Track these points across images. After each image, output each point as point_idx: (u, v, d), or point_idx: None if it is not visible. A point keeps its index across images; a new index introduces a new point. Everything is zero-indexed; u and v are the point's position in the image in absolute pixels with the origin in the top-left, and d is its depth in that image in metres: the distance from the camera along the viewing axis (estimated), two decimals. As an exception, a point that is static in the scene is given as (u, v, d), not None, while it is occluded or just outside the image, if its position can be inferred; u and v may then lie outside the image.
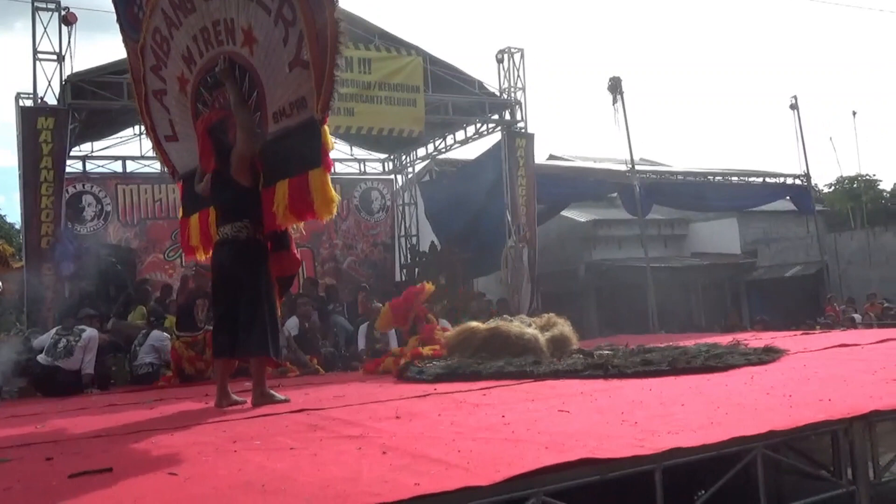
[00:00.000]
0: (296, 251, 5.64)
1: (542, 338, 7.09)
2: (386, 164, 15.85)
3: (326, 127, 4.88)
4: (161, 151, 6.41)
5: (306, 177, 4.85)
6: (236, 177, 5.17)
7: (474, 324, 7.43)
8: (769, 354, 6.12)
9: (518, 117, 13.15)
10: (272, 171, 5.12)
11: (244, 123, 5.16)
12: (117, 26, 6.30)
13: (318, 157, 4.84)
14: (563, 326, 7.55)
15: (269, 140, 5.15)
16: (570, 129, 65.13)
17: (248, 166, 5.17)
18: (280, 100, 5.07)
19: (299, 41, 4.80)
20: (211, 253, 5.57)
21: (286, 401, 5.09)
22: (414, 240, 15.71)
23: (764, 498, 2.92)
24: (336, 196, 4.89)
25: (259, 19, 5.03)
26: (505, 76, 13.08)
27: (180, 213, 6.36)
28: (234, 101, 5.22)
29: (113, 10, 6.28)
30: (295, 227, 5.48)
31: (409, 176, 15.95)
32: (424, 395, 5.00)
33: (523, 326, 7.26)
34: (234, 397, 5.19)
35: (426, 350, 7.43)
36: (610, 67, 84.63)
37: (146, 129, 6.51)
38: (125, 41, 6.28)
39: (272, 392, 5.21)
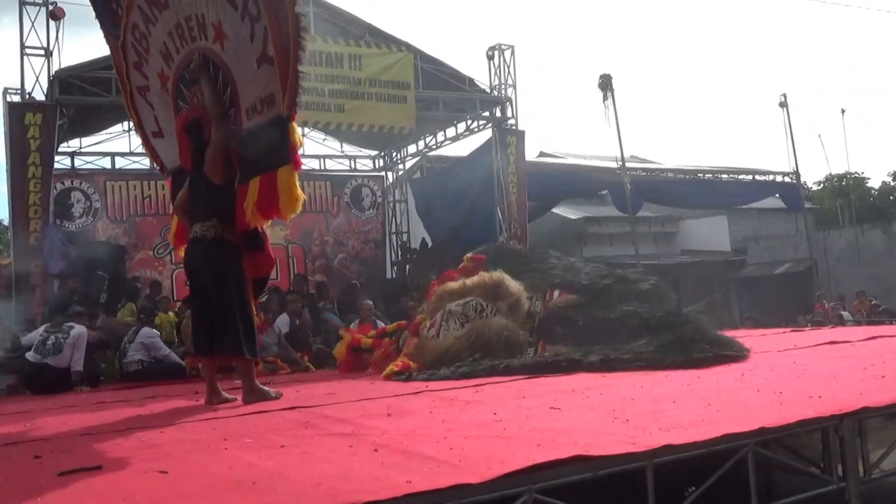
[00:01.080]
0: (271, 252, 5.55)
1: (515, 326, 6.84)
2: (376, 160, 15.81)
3: (294, 124, 4.86)
4: (149, 147, 6.38)
5: (275, 175, 4.81)
6: (208, 173, 5.12)
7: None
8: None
9: (509, 114, 13.14)
10: (247, 168, 5.07)
11: (218, 119, 5.11)
12: (97, 23, 6.23)
13: (287, 154, 4.81)
14: (510, 285, 7.18)
15: (244, 137, 5.10)
16: (560, 127, 65.35)
17: (220, 163, 5.11)
18: (251, 96, 5.03)
19: (264, 37, 4.77)
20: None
21: (278, 396, 5.08)
22: (405, 237, 15.69)
23: (754, 494, 2.92)
24: (302, 195, 4.87)
25: (227, 15, 5.00)
26: (495, 73, 13.07)
27: (172, 208, 6.31)
28: (208, 97, 5.17)
29: (91, 7, 6.21)
30: (269, 225, 5.41)
31: (400, 173, 15.92)
32: (416, 393, 4.99)
33: (498, 319, 6.86)
34: (224, 395, 5.17)
35: (413, 364, 6.65)
36: (600, 65, 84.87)
37: (135, 125, 6.47)
38: (107, 38, 6.23)
39: (263, 388, 5.17)
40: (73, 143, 12.71)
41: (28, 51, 9.92)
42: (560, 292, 7.19)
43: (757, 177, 17.87)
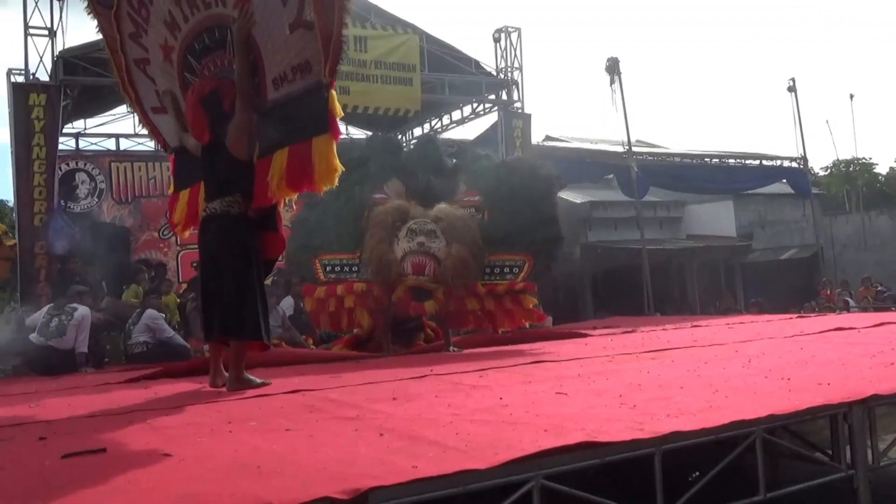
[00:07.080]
0: (283, 234, 5.35)
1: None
2: (382, 143, 15.73)
3: (334, 91, 4.59)
4: (149, 124, 6.04)
5: (309, 144, 4.58)
6: (232, 149, 4.83)
7: None
8: None
9: (515, 97, 13.08)
10: (270, 140, 4.84)
11: (248, 94, 4.83)
12: None
13: (326, 122, 4.56)
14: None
15: (269, 108, 4.87)
16: (567, 110, 65.08)
17: (246, 137, 4.85)
18: (280, 64, 4.77)
19: (301, 0, 4.53)
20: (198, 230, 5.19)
21: (266, 384, 4.82)
22: (410, 220, 15.63)
23: (763, 481, 2.90)
24: (339, 165, 4.61)
25: None
26: (502, 55, 13.00)
27: (171, 189, 6.03)
28: (239, 70, 4.86)
29: None
30: (286, 202, 5.27)
31: (406, 156, 15.85)
32: (421, 377, 4.97)
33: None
34: (250, 377, 5.01)
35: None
36: (608, 48, 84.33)
37: (130, 101, 6.05)
38: (93, 9, 5.77)
39: (249, 377, 4.90)
40: (78, 124, 12.72)
41: (32, 31, 9.89)
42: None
43: (764, 162, 17.77)
